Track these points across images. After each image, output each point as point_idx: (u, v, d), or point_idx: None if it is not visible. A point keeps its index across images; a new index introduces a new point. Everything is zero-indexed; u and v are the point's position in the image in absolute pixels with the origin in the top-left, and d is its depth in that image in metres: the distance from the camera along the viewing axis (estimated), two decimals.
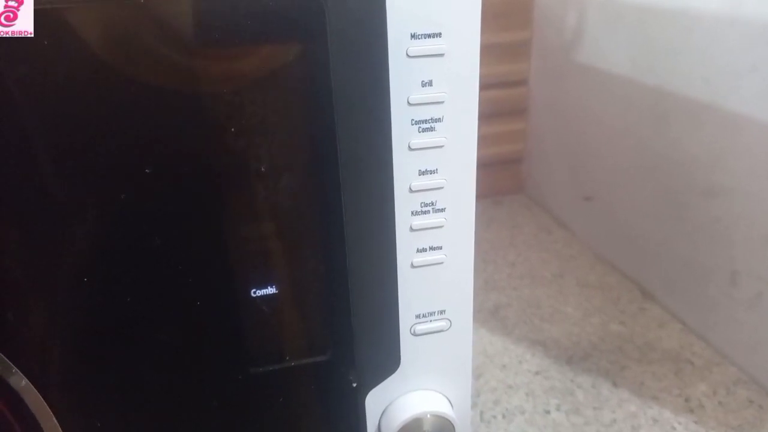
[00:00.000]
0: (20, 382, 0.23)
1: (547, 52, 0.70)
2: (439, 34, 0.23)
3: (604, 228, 0.64)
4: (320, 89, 0.21)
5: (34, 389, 0.23)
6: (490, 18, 0.69)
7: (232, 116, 0.20)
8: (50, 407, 0.23)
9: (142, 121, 0.20)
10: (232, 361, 0.24)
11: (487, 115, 0.76)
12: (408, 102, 0.23)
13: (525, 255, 0.66)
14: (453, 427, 0.29)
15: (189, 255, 0.23)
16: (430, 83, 0.23)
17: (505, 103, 0.74)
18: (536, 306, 0.58)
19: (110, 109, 0.20)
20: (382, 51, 0.21)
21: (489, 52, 0.70)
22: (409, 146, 0.24)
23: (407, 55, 0.23)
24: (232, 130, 0.20)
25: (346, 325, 0.25)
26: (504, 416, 0.45)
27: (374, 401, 0.28)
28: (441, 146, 0.24)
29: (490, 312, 0.57)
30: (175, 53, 0.19)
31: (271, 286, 0.23)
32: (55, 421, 0.24)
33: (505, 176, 0.78)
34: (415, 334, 0.28)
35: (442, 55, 0.23)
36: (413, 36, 0.22)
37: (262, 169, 0.21)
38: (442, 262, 0.27)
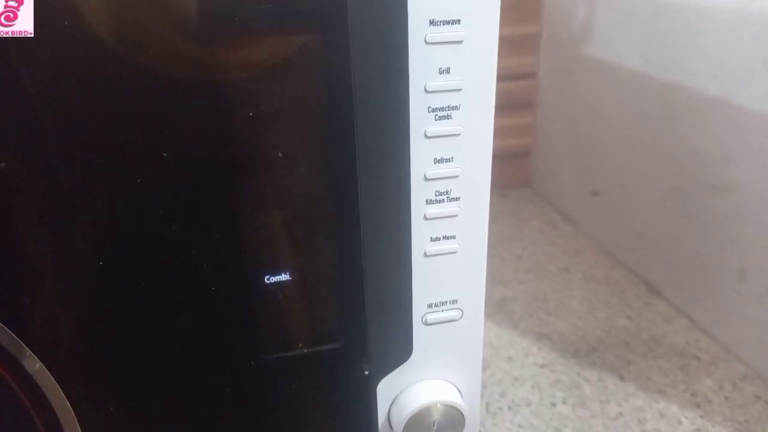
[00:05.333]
0: (34, 365, 0.23)
1: (557, 46, 0.69)
2: (458, 21, 0.22)
3: (611, 223, 0.64)
4: (340, 77, 0.20)
5: (48, 373, 0.23)
6: (500, 10, 0.69)
7: (250, 103, 0.20)
8: (63, 391, 0.24)
9: (159, 107, 0.20)
10: (246, 347, 0.24)
11: (496, 108, 0.76)
12: (425, 89, 0.23)
13: (531, 249, 0.66)
14: (463, 416, 0.29)
15: (204, 240, 0.22)
16: (448, 71, 0.23)
17: (513, 96, 0.74)
18: (542, 300, 0.58)
19: (127, 94, 0.20)
20: (403, 39, 0.21)
21: (498, 45, 0.70)
22: (425, 134, 0.24)
23: (425, 41, 0.22)
24: (250, 115, 0.20)
25: (359, 313, 0.25)
26: (510, 408, 0.45)
27: (385, 389, 0.28)
28: (457, 134, 0.24)
29: (496, 305, 0.57)
30: (196, 41, 0.19)
31: (285, 273, 0.23)
32: (68, 404, 0.24)
33: (511, 170, 0.78)
34: (426, 324, 0.28)
35: (460, 42, 0.23)
36: (432, 22, 0.22)
37: (280, 155, 0.21)
38: (455, 252, 0.27)
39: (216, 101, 0.20)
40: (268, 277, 0.23)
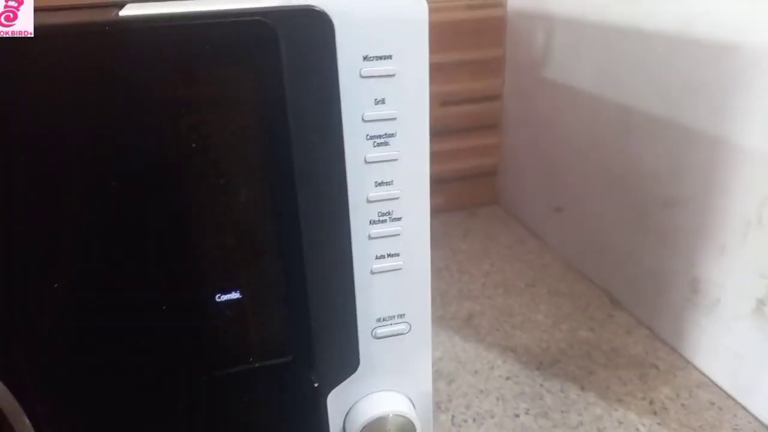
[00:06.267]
0: None
1: (519, 69, 0.72)
2: (389, 56, 0.24)
3: (575, 238, 0.66)
4: (275, 109, 0.22)
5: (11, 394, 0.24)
6: (465, 36, 0.71)
7: (193, 134, 0.22)
8: (24, 411, 0.25)
9: (110, 138, 0.22)
10: (198, 363, 0.26)
11: (463, 129, 0.78)
12: (363, 118, 0.25)
13: (499, 265, 0.68)
14: (414, 426, 0.31)
15: (157, 263, 0.24)
16: (383, 101, 0.25)
17: (479, 118, 0.76)
18: (509, 314, 0.59)
19: (82, 121, 0.21)
20: (333, 72, 0.23)
21: (464, 68, 0.72)
22: (365, 159, 0.26)
23: (360, 75, 0.24)
24: (193, 146, 0.22)
25: (305, 328, 0.26)
26: (475, 420, 0.47)
27: (339, 402, 0.30)
28: (395, 159, 0.26)
29: (464, 320, 0.59)
30: (139, 77, 0.21)
31: (235, 292, 0.25)
32: (28, 422, 0.25)
33: (480, 188, 0.80)
34: (376, 337, 0.29)
35: (393, 75, 0.25)
36: (365, 58, 0.24)
37: (222, 183, 0.23)
38: (400, 268, 0.28)
39: (161, 133, 0.22)
40: (218, 295, 0.25)
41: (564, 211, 0.68)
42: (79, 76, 0.20)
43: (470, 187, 0.79)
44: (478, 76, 0.74)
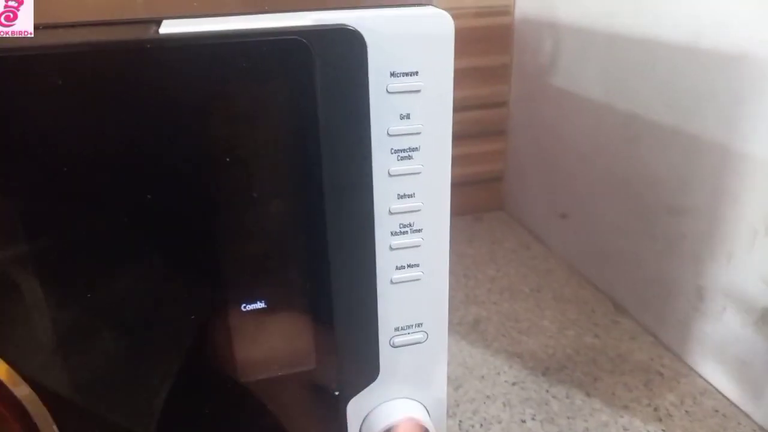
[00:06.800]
0: (24, 391, 0.24)
1: (526, 76, 0.73)
2: (416, 73, 0.25)
3: (580, 244, 0.67)
4: (307, 124, 0.23)
5: (38, 399, 0.25)
6: (473, 43, 0.72)
7: (227, 148, 0.22)
8: (53, 418, 0.25)
9: (142, 153, 0.22)
10: (224, 371, 0.26)
11: (469, 135, 0.79)
12: (388, 133, 0.26)
13: (504, 270, 0.69)
14: None
15: (186, 273, 0.24)
16: (408, 116, 0.26)
17: (486, 124, 0.77)
18: (515, 319, 0.60)
19: (115, 136, 0.22)
20: (364, 89, 0.24)
21: (471, 74, 0.73)
22: (389, 173, 0.26)
23: (387, 91, 0.25)
24: (227, 160, 0.22)
25: (329, 338, 0.27)
26: (482, 425, 0.47)
27: (356, 409, 0.30)
28: (418, 173, 0.27)
29: (470, 325, 0.59)
30: (177, 93, 0.21)
31: (261, 302, 0.25)
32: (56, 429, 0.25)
33: (485, 194, 0.81)
34: (394, 346, 0.30)
35: (418, 91, 0.25)
36: (392, 74, 0.25)
37: (254, 195, 0.23)
38: (419, 279, 0.29)
39: (196, 146, 0.22)
40: (245, 305, 0.25)
41: (569, 217, 0.68)
42: (118, 92, 0.21)
43: (476, 192, 0.80)
44: (485, 82, 0.75)
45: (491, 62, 0.74)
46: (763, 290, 0.44)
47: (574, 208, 0.67)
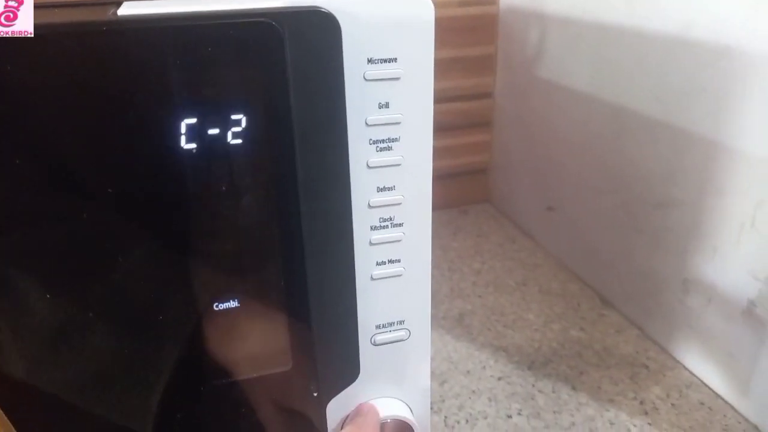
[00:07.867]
0: None
1: (512, 67, 0.72)
2: (395, 59, 0.24)
3: (566, 237, 0.67)
4: (279, 113, 0.22)
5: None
6: (457, 33, 0.71)
7: (194, 138, 0.21)
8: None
9: (108, 141, 0.21)
10: (197, 372, 0.25)
11: (454, 126, 0.78)
12: (366, 123, 0.24)
13: (490, 263, 0.68)
14: (413, 430, 0.31)
15: (155, 270, 0.23)
16: (387, 105, 0.24)
17: (471, 115, 0.76)
18: (500, 313, 0.59)
19: (82, 126, 0.20)
20: (339, 75, 0.22)
21: (456, 65, 0.72)
22: (367, 164, 0.25)
23: (364, 78, 0.24)
24: (194, 151, 0.21)
25: (306, 338, 0.25)
26: (467, 421, 0.47)
27: (337, 408, 0.29)
28: (398, 164, 0.26)
29: (455, 319, 0.59)
30: (138, 79, 0.20)
31: (234, 300, 0.24)
32: None
33: (471, 186, 0.80)
34: (375, 344, 0.29)
35: (398, 78, 0.24)
36: (370, 61, 0.23)
37: (223, 189, 0.22)
38: (400, 275, 0.28)
39: (161, 136, 0.21)
40: (216, 303, 0.24)
41: (556, 210, 0.68)
42: (77, 77, 0.19)
43: (461, 184, 0.79)
44: (470, 73, 0.74)
45: (476, 52, 0.73)
46: (748, 283, 0.44)
47: (561, 201, 0.67)
